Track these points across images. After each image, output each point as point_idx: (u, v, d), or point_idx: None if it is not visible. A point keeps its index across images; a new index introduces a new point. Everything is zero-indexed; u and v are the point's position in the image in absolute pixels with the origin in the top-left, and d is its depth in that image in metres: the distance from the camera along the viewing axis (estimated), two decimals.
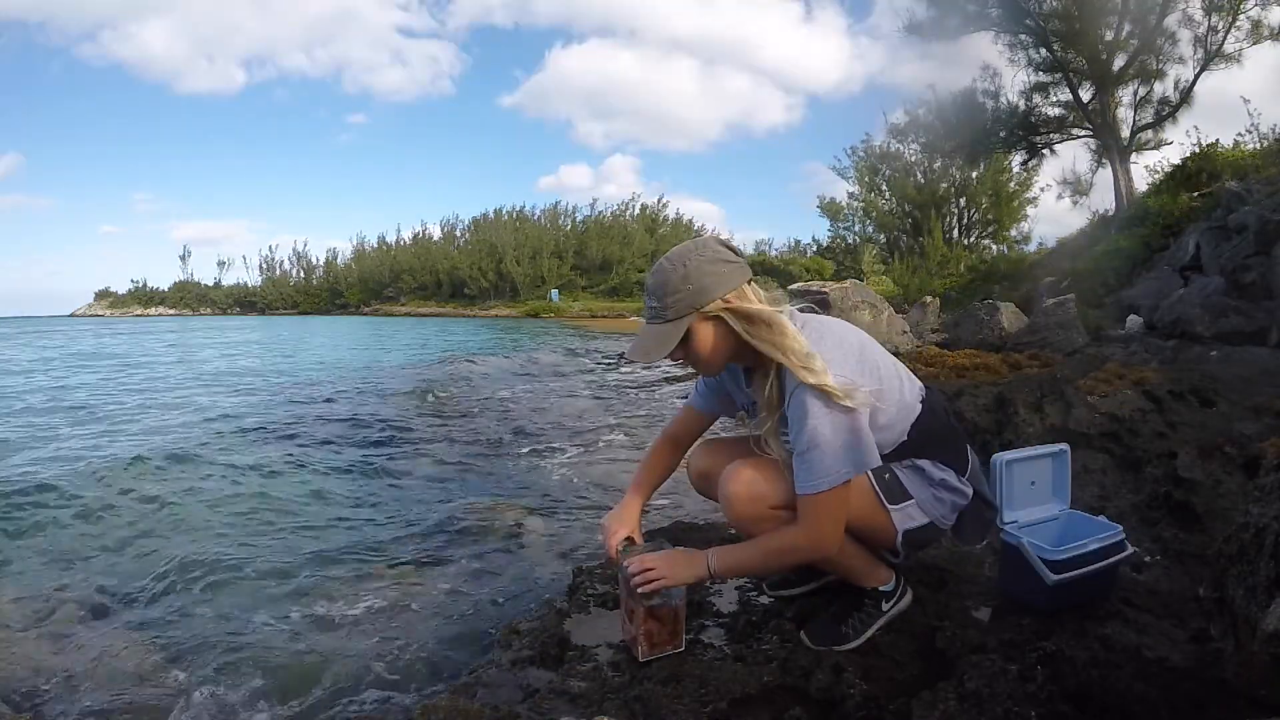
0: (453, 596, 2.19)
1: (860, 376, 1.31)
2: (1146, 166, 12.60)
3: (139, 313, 53.32)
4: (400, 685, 1.71)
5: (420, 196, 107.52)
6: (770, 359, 1.32)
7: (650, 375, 7.81)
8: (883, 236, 26.48)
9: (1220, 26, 10.94)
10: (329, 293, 50.81)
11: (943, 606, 1.59)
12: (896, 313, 8.36)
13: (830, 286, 7.64)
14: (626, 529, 1.57)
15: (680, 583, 1.42)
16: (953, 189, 24.52)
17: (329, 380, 8.50)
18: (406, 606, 2.13)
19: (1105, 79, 11.93)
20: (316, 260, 54.78)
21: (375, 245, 52.22)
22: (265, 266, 55.27)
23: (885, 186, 25.94)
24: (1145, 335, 6.15)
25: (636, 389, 6.82)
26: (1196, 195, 9.39)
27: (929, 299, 9.61)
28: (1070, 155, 29.01)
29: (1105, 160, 12.76)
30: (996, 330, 7.14)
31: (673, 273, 1.31)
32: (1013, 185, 23.90)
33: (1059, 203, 25.40)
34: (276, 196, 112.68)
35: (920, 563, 1.78)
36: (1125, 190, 12.04)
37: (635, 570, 1.42)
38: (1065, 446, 1.69)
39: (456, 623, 2.02)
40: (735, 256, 1.35)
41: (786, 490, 1.33)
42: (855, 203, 27.26)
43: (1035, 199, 23.82)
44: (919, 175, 24.77)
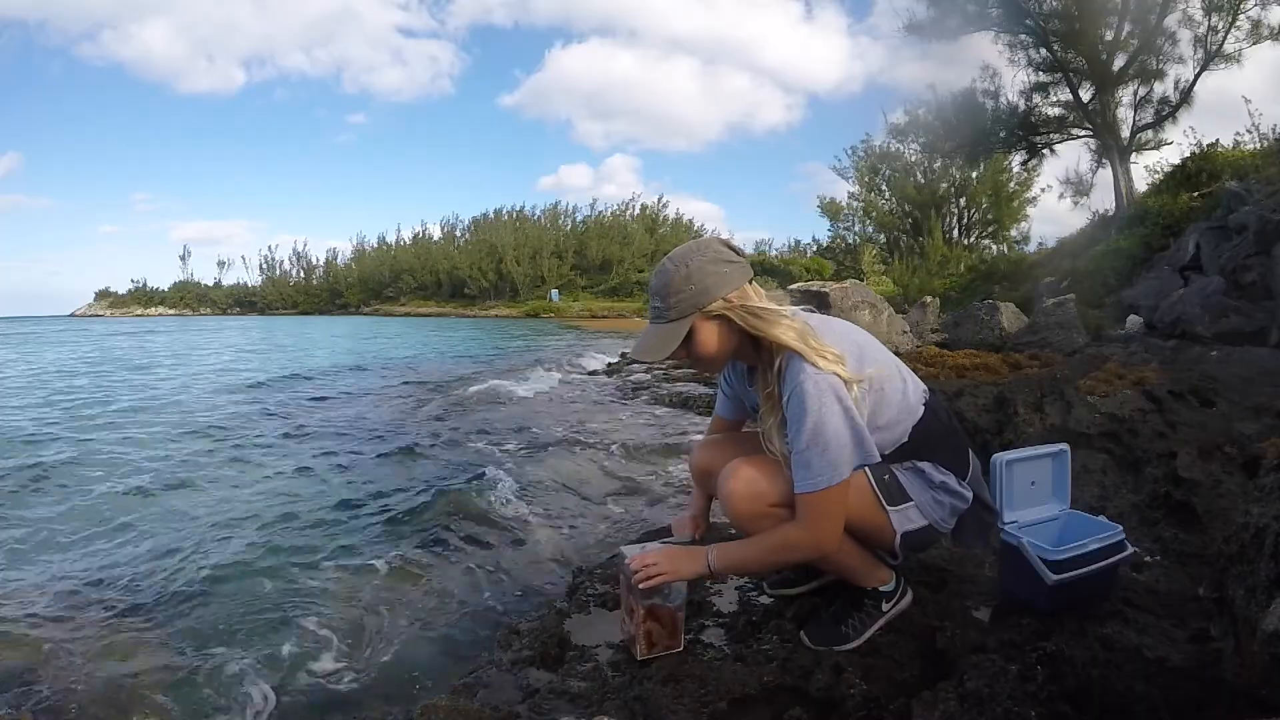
0: (452, 596, 2.19)
1: (862, 375, 1.31)
2: (1146, 166, 12.63)
3: (139, 313, 53.35)
4: (400, 685, 1.71)
5: (420, 196, 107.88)
6: (772, 355, 1.33)
7: (651, 376, 7.82)
8: (883, 236, 26.47)
9: (1220, 26, 10.95)
10: (329, 293, 50.85)
11: (943, 606, 1.59)
12: (896, 313, 8.36)
13: (830, 286, 7.63)
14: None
15: (680, 578, 1.43)
16: (953, 189, 24.51)
17: (330, 380, 8.50)
18: (406, 606, 2.13)
19: (1105, 79, 11.94)
20: (316, 260, 54.96)
21: (375, 245, 52.35)
22: (265, 266, 55.40)
23: (885, 186, 25.94)
24: (1145, 335, 6.16)
25: (637, 389, 6.82)
26: (1196, 195, 9.40)
27: (929, 299, 9.61)
28: (1070, 155, 29.05)
29: (1105, 160, 12.76)
30: (996, 330, 7.14)
31: (675, 273, 1.32)
32: (1013, 185, 23.88)
33: (1059, 203, 25.46)
34: (276, 196, 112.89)
35: (920, 563, 1.78)
36: (1125, 190, 12.04)
37: (636, 566, 1.42)
38: (1065, 446, 1.69)
39: (456, 623, 2.02)
40: (737, 257, 1.36)
41: (786, 488, 1.33)
42: (855, 203, 27.28)
43: (1035, 199, 23.83)
44: (919, 175, 24.76)
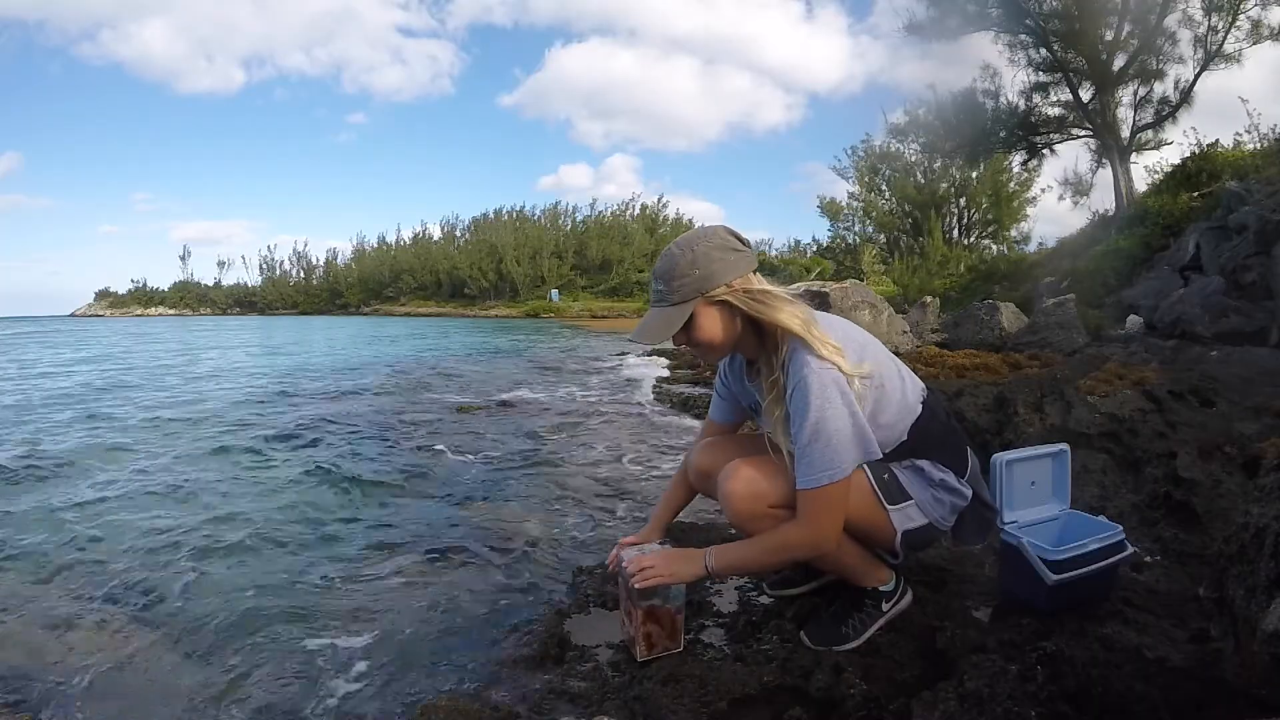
0: (452, 596, 2.19)
1: (863, 370, 1.31)
2: (1146, 166, 12.64)
3: (139, 313, 53.41)
4: (399, 685, 1.71)
5: (420, 196, 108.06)
6: (777, 343, 1.33)
7: (652, 374, 7.81)
8: (883, 236, 26.49)
9: (1220, 26, 10.93)
10: (329, 293, 50.89)
11: (943, 606, 1.59)
12: (896, 313, 8.35)
13: (830, 286, 7.63)
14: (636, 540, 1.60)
15: (678, 580, 1.43)
16: (953, 189, 24.53)
17: (330, 379, 8.50)
18: (406, 606, 2.13)
19: (1105, 79, 11.93)
20: (316, 260, 55.05)
21: (375, 245, 52.39)
22: (265, 266, 55.47)
23: (885, 186, 25.98)
24: (1145, 335, 6.15)
25: (639, 389, 6.82)
26: (1196, 195, 9.40)
27: (929, 299, 9.59)
28: (1070, 155, 29.19)
29: (1105, 160, 12.76)
30: (996, 330, 7.14)
31: (680, 257, 1.32)
32: (1013, 185, 23.91)
33: (1059, 203, 25.53)
34: (276, 196, 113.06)
35: (920, 563, 1.78)
36: (1125, 190, 12.03)
37: (633, 570, 1.42)
38: (1065, 446, 1.69)
39: (456, 622, 2.02)
40: (743, 246, 1.36)
41: (786, 489, 1.33)
42: (855, 203, 27.33)
43: (1035, 199, 23.88)
44: (919, 175, 24.78)
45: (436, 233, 50.17)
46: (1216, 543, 1.53)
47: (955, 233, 24.83)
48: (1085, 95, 12.53)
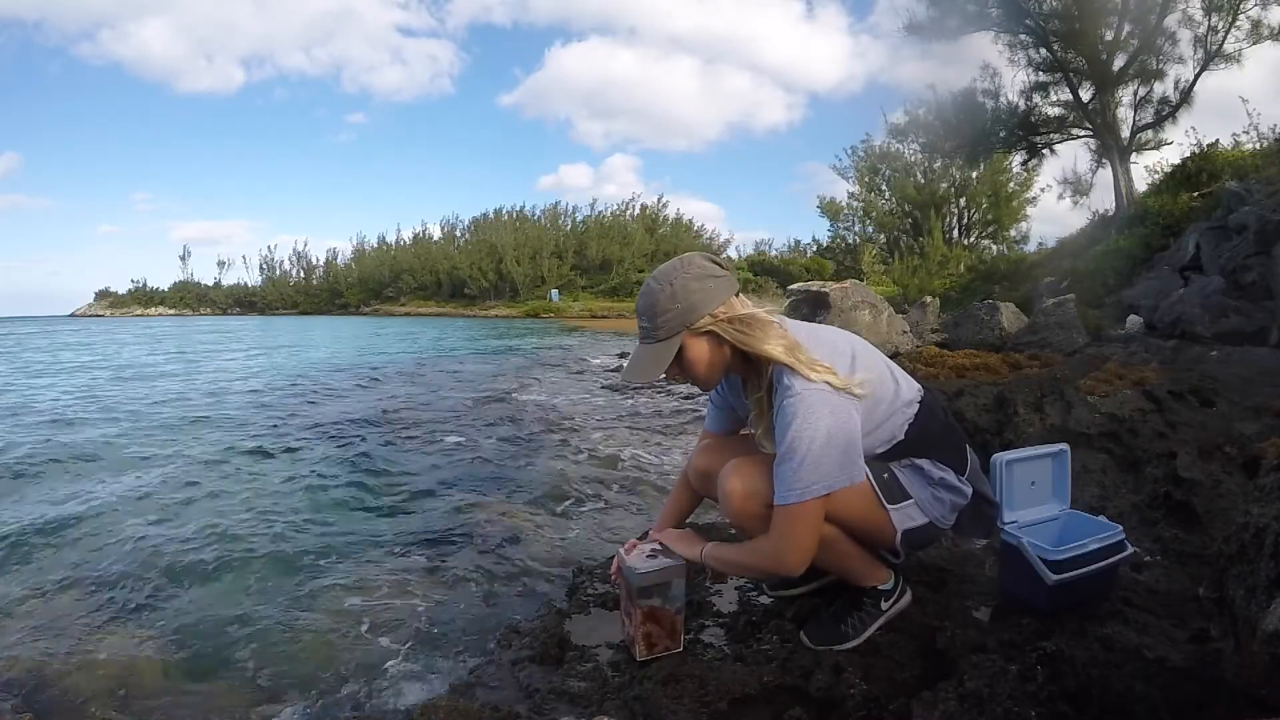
0: (452, 596, 2.19)
1: (854, 381, 1.32)
2: (1146, 166, 12.61)
3: (139, 313, 53.42)
4: (400, 685, 1.71)
5: (420, 196, 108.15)
6: (764, 366, 1.34)
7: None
8: (883, 236, 26.50)
9: (1220, 26, 10.92)
10: (329, 293, 50.91)
11: (943, 606, 1.59)
12: (896, 313, 8.34)
13: (830, 286, 7.62)
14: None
15: (672, 549, 1.49)
16: (952, 189, 24.54)
17: (330, 380, 8.50)
18: (405, 606, 2.13)
19: (1105, 79, 11.92)
20: (316, 260, 55.11)
21: (375, 245, 52.43)
22: (265, 266, 55.52)
23: (885, 186, 25.98)
24: (1145, 335, 6.15)
25: (639, 390, 6.82)
26: (1196, 195, 9.39)
27: (929, 299, 9.58)
28: (1070, 155, 29.16)
29: (1105, 160, 12.74)
30: (996, 330, 7.13)
31: (660, 292, 1.32)
32: (1012, 185, 23.93)
33: (1059, 203, 25.42)
34: (276, 196, 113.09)
35: (920, 563, 1.78)
36: (1125, 190, 12.02)
37: (627, 549, 1.50)
38: (1065, 446, 1.69)
39: (457, 622, 2.02)
40: (722, 270, 1.36)
41: None
42: (855, 203, 27.33)
43: (1035, 199, 23.88)
44: (919, 175, 24.79)
45: (436, 233, 50.31)
46: (1216, 543, 1.53)
47: (955, 233, 24.84)
48: (1085, 95, 12.52)
